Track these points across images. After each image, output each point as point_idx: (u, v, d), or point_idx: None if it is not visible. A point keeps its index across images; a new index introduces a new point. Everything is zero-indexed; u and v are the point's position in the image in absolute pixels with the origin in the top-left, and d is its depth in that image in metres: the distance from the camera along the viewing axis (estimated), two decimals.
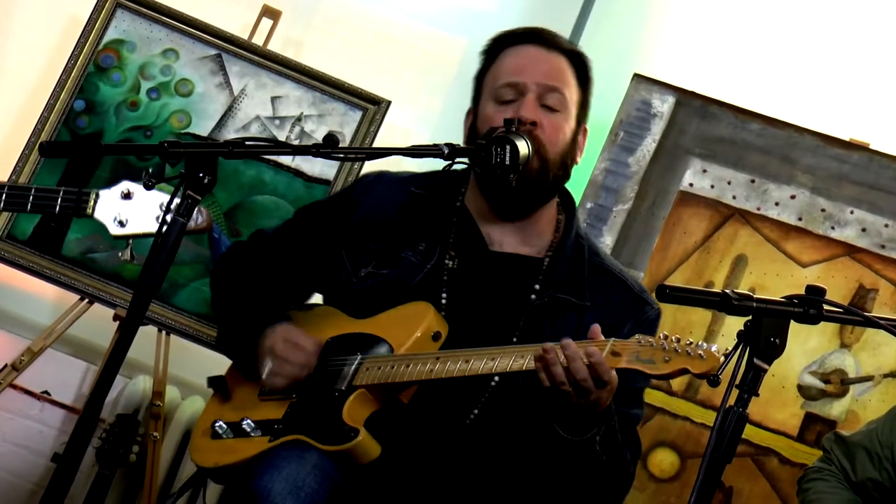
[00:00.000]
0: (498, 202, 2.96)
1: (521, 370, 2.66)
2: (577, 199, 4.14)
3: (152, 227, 2.82)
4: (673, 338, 2.51)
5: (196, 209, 2.39)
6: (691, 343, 2.50)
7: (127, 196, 2.83)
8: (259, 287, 3.05)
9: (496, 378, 2.84)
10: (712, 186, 4.17)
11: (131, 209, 2.83)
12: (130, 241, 4.08)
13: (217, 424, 2.91)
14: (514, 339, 2.87)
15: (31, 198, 2.89)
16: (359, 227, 3.01)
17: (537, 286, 2.93)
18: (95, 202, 2.85)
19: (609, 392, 2.62)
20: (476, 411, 2.86)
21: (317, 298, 3.19)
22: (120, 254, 4.24)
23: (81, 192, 2.85)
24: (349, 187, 3.15)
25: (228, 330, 3.05)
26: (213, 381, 3.02)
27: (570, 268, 2.95)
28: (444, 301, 2.91)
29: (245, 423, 2.86)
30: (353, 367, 2.83)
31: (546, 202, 2.99)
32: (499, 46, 3.03)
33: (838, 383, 3.94)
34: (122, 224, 2.84)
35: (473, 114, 3.04)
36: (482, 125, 2.96)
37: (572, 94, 2.98)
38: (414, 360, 2.76)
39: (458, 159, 2.67)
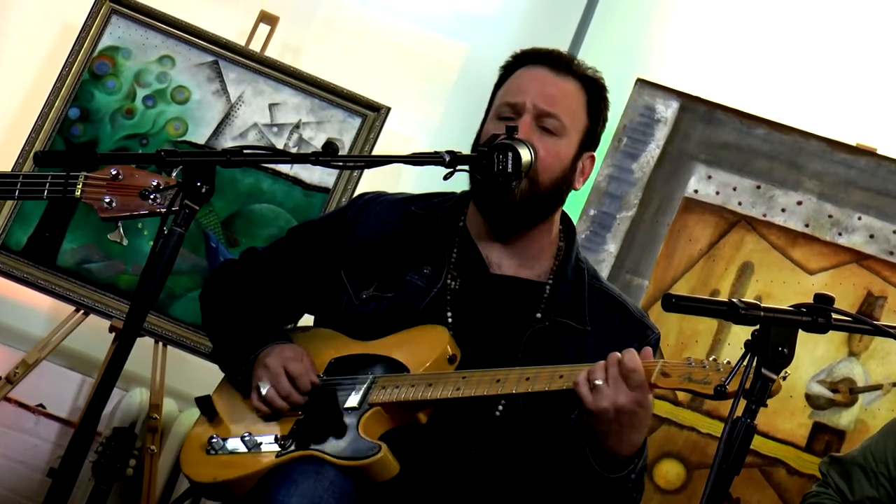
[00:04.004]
0: (491, 218, 2.92)
1: (560, 390, 2.63)
2: (581, 207, 4.15)
3: (141, 209, 2.79)
4: (725, 360, 2.53)
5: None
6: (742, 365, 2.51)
7: (115, 178, 2.80)
8: (252, 306, 3.01)
9: (503, 401, 2.81)
10: (717, 193, 4.13)
11: (120, 191, 2.80)
12: (119, 223, 4.05)
13: (213, 439, 2.86)
14: (516, 364, 2.83)
15: (19, 184, 2.85)
16: (358, 246, 2.96)
17: (538, 314, 2.90)
18: (83, 185, 2.82)
19: (646, 418, 2.62)
20: (485, 432, 2.82)
21: (306, 320, 3.14)
22: (109, 235, 4.19)
23: (70, 175, 2.81)
24: (344, 207, 3.10)
25: (223, 348, 3.01)
26: (201, 402, 2.96)
27: (571, 291, 2.93)
28: (450, 321, 2.88)
29: (246, 438, 2.81)
30: (367, 385, 2.79)
31: (537, 224, 2.94)
32: (515, 65, 3.00)
33: (847, 392, 3.91)
34: (110, 206, 2.80)
35: (480, 128, 3.01)
36: (482, 140, 2.92)
37: (575, 120, 2.92)
38: (436, 380, 2.73)
39: (459, 166, 2.64)
